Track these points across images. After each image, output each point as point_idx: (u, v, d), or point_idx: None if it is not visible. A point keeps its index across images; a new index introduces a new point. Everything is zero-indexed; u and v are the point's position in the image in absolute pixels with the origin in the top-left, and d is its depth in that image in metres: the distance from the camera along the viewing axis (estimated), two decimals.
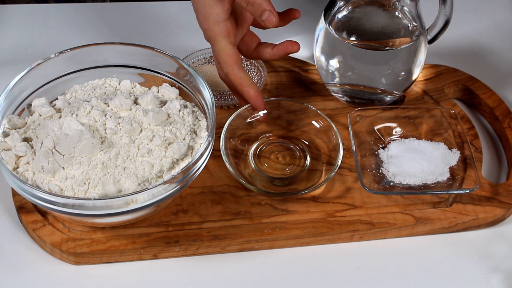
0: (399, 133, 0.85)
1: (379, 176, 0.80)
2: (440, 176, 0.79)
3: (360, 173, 0.78)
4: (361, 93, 0.87)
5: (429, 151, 0.82)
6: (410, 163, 0.80)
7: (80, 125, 0.72)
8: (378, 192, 0.78)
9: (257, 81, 0.92)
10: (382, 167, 0.80)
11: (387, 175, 0.80)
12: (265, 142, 0.85)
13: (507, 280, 0.74)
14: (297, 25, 1.04)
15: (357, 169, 0.78)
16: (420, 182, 0.78)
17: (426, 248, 0.78)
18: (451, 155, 0.81)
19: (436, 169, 0.80)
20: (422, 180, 0.79)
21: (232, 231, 0.76)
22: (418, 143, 0.83)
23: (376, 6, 0.83)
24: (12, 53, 0.98)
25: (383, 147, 0.83)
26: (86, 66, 0.81)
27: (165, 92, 0.80)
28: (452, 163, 0.81)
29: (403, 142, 0.83)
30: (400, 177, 0.79)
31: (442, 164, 0.80)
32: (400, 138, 0.84)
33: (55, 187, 0.70)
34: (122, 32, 1.02)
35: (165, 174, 0.72)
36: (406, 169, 0.80)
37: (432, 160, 0.81)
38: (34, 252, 0.75)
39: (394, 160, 0.81)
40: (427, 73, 0.94)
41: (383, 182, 0.79)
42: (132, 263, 0.75)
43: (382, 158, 0.81)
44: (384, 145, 0.83)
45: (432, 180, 0.79)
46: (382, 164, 0.81)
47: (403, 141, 0.83)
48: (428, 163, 0.80)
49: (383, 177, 0.79)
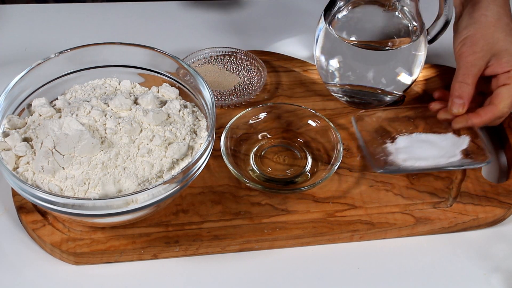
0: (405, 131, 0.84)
1: (389, 162, 0.79)
2: (452, 157, 0.79)
3: (368, 155, 0.76)
4: (361, 93, 0.87)
5: (438, 142, 0.81)
6: (419, 150, 0.79)
7: (80, 125, 0.72)
8: (388, 172, 0.77)
9: (257, 81, 0.92)
10: (392, 156, 0.80)
11: (397, 161, 0.79)
12: (265, 142, 0.85)
13: (507, 280, 0.74)
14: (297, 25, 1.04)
15: (364, 152, 0.77)
16: (432, 164, 0.78)
17: (426, 248, 0.78)
18: (461, 140, 0.81)
19: (447, 154, 0.79)
20: (434, 163, 0.78)
21: (232, 231, 0.76)
22: (426, 135, 0.83)
23: (376, 6, 0.83)
24: (12, 53, 0.98)
25: (391, 142, 0.83)
26: (86, 66, 0.81)
27: (165, 92, 0.80)
28: (463, 146, 0.80)
29: (410, 136, 0.83)
30: (411, 161, 0.78)
31: (452, 149, 0.80)
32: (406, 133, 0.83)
33: (55, 187, 0.70)
34: (122, 32, 1.02)
35: (165, 174, 0.72)
36: (416, 155, 0.79)
37: (442, 148, 0.80)
38: (34, 252, 0.75)
39: (403, 150, 0.80)
40: (427, 73, 0.94)
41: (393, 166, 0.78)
42: (132, 263, 0.75)
43: (390, 151, 0.81)
44: (391, 140, 0.83)
45: (444, 161, 0.78)
46: (391, 154, 0.80)
47: (409, 135, 0.83)
48: (438, 150, 0.80)
49: (393, 162, 0.79)
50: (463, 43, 0.83)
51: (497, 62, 0.82)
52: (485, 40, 0.82)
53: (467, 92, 0.81)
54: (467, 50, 0.82)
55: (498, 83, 0.81)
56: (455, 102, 0.81)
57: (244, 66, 0.94)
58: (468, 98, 0.81)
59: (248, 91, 0.90)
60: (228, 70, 0.93)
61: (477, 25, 0.83)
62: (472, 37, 0.83)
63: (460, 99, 0.80)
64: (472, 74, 0.81)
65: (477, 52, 0.82)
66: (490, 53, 0.82)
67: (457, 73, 0.82)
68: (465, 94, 0.81)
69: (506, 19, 0.84)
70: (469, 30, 0.83)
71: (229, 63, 0.94)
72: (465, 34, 0.83)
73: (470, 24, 0.84)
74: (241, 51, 0.94)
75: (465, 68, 0.82)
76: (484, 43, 0.82)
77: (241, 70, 0.93)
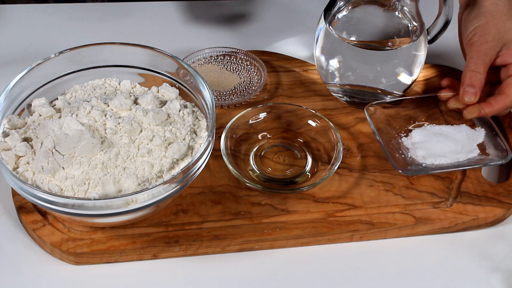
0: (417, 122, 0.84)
1: (409, 160, 0.79)
2: (471, 153, 0.79)
3: (389, 155, 0.76)
4: (361, 93, 0.87)
5: (453, 134, 0.81)
6: (436, 145, 0.79)
7: (80, 125, 0.72)
8: (413, 173, 0.77)
9: (257, 81, 0.92)
10: (409, 152, 0.80)
11: (416, 159, 0.79)
12: (265, 142, 0.85)
13: (507, 280, 0.74)
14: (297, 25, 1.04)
15: (385, 153, 0.77)
16: (452, 161, 0.78)
17: (426, 248, 0.78)
18: (476, 133, 0.81)
19: (464, 148, 0.79)
20: (453, 159, 0.78)
21: (232, 231, 0.76)
22: (440, 128, 0.83)
23: (376, 6, 0.83)
24: (12, 53, 0.98)
25: (405, 136, 0.82)
26: (86, 66, 0.81)
27: (165, 92, 0.80)
28: (479, 140, 0.80)
29: (424, 128, 0.83)
30: (431, 159, 0.78)
31: (469, 143, 0.80)
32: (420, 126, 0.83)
33: (55, 187, 0.70)
34: (122, 32, 1.02)
35: (165, 174, 0.72)
36: (434, 151, 0.79)
37: (458, 141, 0.80)
38: (34, 252, 0.75)
39: (419, 145, 0.80)
40: (427, 73, 0.94)
41: (415, 166, 0.78)
42: (132, 263, 0.75)
43: (407, 146, 0.81)
44: (405, 134, 0.83)
45: (463, 158, 0.78)
46: (409, 150, 0.80)
47: (424, 128, 0.83)
48: (455, 143, 0.80)
49: (413, 160, 0.79)
50: (475, 32, 0.83)
51: (508, 51, 0.82)
52: (496, 29, 0.82)
53: (479, 81, 0.80)
54: (479, 39, 0.82)
55: (508, 72, 0.82)
56: (467, 91, 0.80)
57: (244, 66, 0.94)
58: (480, 87, 0.80)
59: (248, 91, 0.90)
60: (228, 70, 0.93)
61: (488, 14, 0.83)
62: (483, 26, 0.82)
63: (472, 87, 0.80)
64: (484, 63, 0.81)
65: (489, 42, 0.82)
66: (501, 42, 0.82)
67: (468, 62, 0.82)
68: (477, 83, 0.80)
69: None
70: (480, 19, 0.83)
71: (229, 63, 0.94)
72: (476, 23, 0.83)
73: (481, 13, 0.83)
74: (241, 51, 0.94)
75: (477, 57, 0.81)
76: (496, 32, 0.82)
77: (241, 70, 0.93)
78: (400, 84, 0.86)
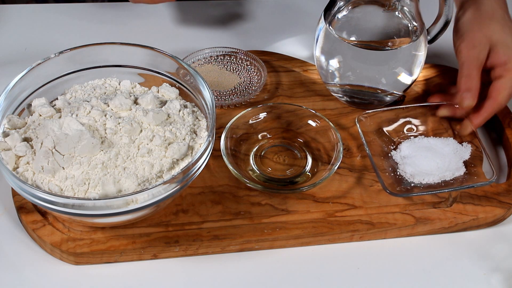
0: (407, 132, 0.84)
1: (397, 178, 0.79)
2: (457, 171, 0.79)
3: (380, 176, 0.77)
4: (361, 93, 0.87)
5: (440, 148, 0.82)
6: (424, 162, 0.80)
7: (80, 125, 0.72)
8: (402, 195, 0.78)
9: (257, 81, 0.92)
10: (398, 168, 0.80)
11: (405, 176, 0.79)
12: (265, 142, 0.85)
13: (507, 280, 0.74)
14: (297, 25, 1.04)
15: (376, 173, 0.78)
16: (439, 179, 0.78)
17: (426, 248, 0.78)
18: (463, 149, 0.81)
19: (451, 165, 0.79)
20: (440, 177, 0.78)
21: (232, 231, 0.76)
22: (428, 140, 0.83)
23: (376, 6, 0.83)
24: (12, 53, 0.98)
25: (394, 149, 0.83)
26: (86, 66, 0.81)
27: (165, 92, 0.80)
28: (465, 157, 0.81)
29: (413, 141, 0.83)
30: (419, 177, 0.79)
31: (455, 159, 0.80)
32: (409, 138, 0.83)
33: (55, 187, 0.70)
34: (122, 32, 1.02)
35: (165, 174, 0.72)
36: (422, 168, 0.79)
37: (444, 156, 0.80)
38: (34, 252, 0.75)
39: (408, 160, 0.80)
40: (427, 73, 0.94)
41: (404, 184, 0.79)
42: (132, 263, 0.75)
43: (396, 160, 0.81)
44: (395, 147, 0.83)
45: (449, 176, 0.79)
46: (398, 165, 0.81)
47: (412, 140, 0.83)
48: (442, 159, 0.80)
49: (402, 178, 0.79)
50: (462, 39, 0.84)
51: (494, 54, 0.83)
52: (482, 33, 0.83)
53: (474, 84, 0.82)
54: (467, 44, 0.83)
55: (494, 74, 0.82)
56: (465, 96, 0.82)
57: (244, 66, 0.94)
58: (476, 90, 0.82)
59: (248, 91, 0.90)
60: (228, 70, 0.93)
61: (473, 19, 0.84)
62: (470, 31, 0.84)
63: (469, 91, 0.81)
64: (476, 66, 0.82)
65: (476, 46, 0.83)
66: (488, 45, 0.83)
67: (461, 68, 0.83)
68: (473, 86, 0.82)
69: (501, 12, 0.85)
70: (466, 25, 0.84)
71: (229, 63, 0.94)
72: (462, 29, 0.84)
73: (467, 19, 0.85)
74: (241, 51, 0.94)
75: (468, 62, 0.83)
76: (482, 35, 0.83)
77: (241, 70, 0.93)
78: (400, 84, 0.86)
